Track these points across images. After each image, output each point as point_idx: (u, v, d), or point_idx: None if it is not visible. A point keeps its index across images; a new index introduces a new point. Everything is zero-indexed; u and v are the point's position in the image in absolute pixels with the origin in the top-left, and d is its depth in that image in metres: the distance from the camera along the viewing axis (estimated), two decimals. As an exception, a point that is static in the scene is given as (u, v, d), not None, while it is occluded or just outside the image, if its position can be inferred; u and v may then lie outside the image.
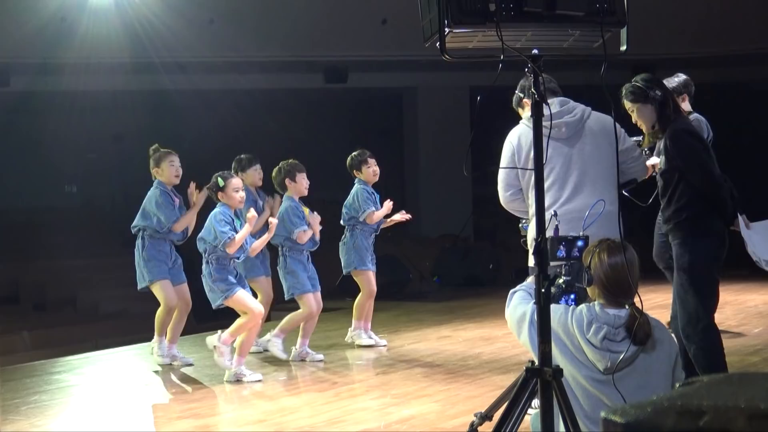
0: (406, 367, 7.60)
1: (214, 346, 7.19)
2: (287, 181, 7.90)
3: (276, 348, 7.90)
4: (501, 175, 5.54)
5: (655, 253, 8.05)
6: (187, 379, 7.38)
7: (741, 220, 5.86)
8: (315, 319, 8.03)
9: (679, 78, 8.11)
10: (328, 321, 9.84)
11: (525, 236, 5.79)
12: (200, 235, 7.16)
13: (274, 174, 7.97)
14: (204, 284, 7.20)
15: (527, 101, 5.72)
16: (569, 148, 5.47)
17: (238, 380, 7.10)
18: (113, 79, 15.44)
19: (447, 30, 3.53)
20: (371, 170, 8.51)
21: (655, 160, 7.44)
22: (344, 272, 8.55)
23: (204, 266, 7.15)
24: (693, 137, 5.65)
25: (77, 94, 14.95)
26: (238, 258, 7.20)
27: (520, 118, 5.77)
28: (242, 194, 7.19)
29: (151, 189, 7.77)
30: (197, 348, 8.46)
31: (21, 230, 15.73)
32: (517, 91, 5.83)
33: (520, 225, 5.91)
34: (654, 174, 7.48)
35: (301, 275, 7.83)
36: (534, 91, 3.68)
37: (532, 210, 5.42)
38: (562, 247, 3.83)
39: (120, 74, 15.36)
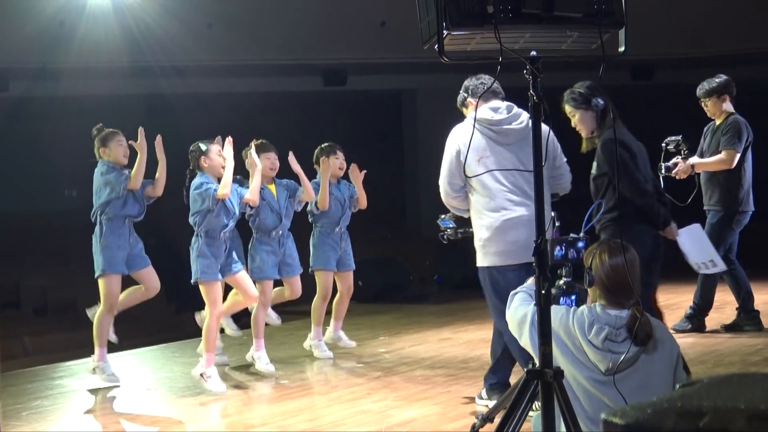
0: (407, 370, 7.60)
1: (201, 374, 7.04)
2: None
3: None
4: (444, 173, 5.90)
5: None
6: (188, 383, 7.37)
7: (673, 228, 6.09)
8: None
9: (720, 79, 8.21)
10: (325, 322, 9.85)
11: (444, 231, 6.32)
12: (191, 211, 7.03)
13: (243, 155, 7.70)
14: (191, 256, 7.07)
15: (471, 101, 6.05)
16: (512, 154, 5.84)
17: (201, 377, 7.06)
18: (111, 83, 15.44)
19: (445, 32, 3.53)
20: (339, 162, 8.16)
21: (695, 160, 7.84)
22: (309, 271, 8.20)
23: (193, 238, 7.04)
24: (622, 146, 5.93)
25: (76, 98, 14.94)
26: (226, 225, 7.03)
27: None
28: (222, 159, 7.01)
29: (96, 169, 7.34)
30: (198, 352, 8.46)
31: (21, 235, 15.72)
32: (461, 91, 6.12)
33: (438, 221, 6.39)
34: (692, 174, 7.82)
35: (263, 257, 7.60)
36: (533, 93, 3.67)
37: (473, 210, 5.87)
38: (560, 248, 3.83)
39: (118, 78, 15.36)
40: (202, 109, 16.08)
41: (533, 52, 3.68)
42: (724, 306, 9.15)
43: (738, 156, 8.04)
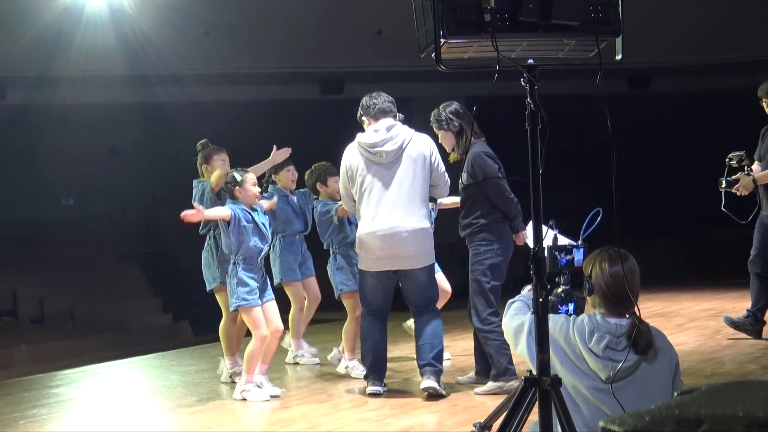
0: (404, 378, 7.59)
1: (241, 392, 6.91)
2: (318, 184, 8.01)
3: (357, 370, 7.68)
4: (340, 187, 6.99)
5: (751, 259, 8.23)
6: (185, 392, 7.36)
7: (523, 235, 6.67)
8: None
9: None
10: (324, 332, 9.85)
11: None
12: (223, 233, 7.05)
13: (306, 177, 8.11)
14: (227, 284, 6.99)
15: (364, 119, 6.89)
16: (387, 172, 6.72)
17: (243, 399, 6.97)
18: (109, 92, 15.45)
19: (442, 40, 3.53)
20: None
21: (756, 168, 7.87)
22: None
23: (230, 267, 6.92)
24: (492, 159, 6.74)
25: (73, 107, 14.95)
26: (262, 251, 6.93)
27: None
28: (258, 189, 7.08)
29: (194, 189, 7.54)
30: (195, 360, 8.45)
31: (18, 243, 15.71)
32: (359, 108, 6.92)
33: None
34: (754, 191, 7.85)
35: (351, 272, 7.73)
36: (530, 101, 3.67)
37: (358, 214, 6.82)
38: (562, 255, 3.83)
39: (115, 87, 15.38)
40: (199, 118, 16.09)
41: (530, 60, 3.69)
42: (722, 314, 9.15)
43: None
